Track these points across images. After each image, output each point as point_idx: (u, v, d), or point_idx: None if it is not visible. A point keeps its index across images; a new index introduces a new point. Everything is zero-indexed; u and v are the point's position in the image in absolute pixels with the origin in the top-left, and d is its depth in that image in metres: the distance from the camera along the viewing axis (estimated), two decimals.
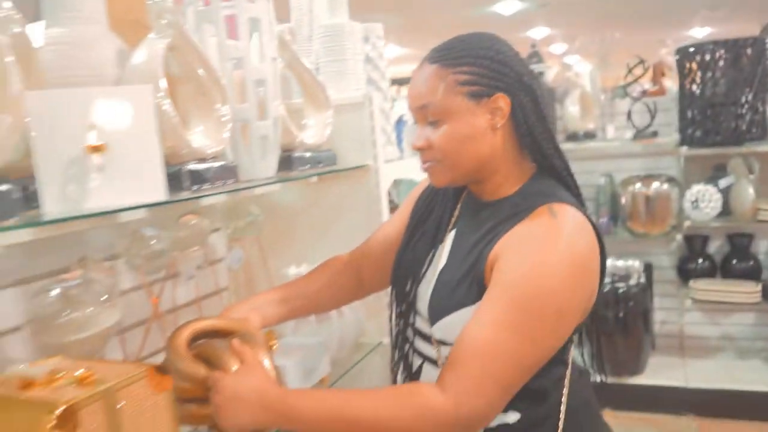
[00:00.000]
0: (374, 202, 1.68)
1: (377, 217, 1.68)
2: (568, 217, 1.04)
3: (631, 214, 3.45)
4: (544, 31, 9.59)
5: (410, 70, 1.17)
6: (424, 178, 1.28)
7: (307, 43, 1.80)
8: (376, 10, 5.93)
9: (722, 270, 3.55)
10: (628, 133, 3.45)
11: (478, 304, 1.03)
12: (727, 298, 3.32)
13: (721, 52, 3.13)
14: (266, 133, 1.28)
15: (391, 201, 1.98)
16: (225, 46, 1.25)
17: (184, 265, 1.53)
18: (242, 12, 1.23)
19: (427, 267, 1.17)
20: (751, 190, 3.22)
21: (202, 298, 1.65)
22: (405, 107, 1.82)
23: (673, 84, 3.66)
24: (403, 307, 1.21)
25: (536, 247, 1.01)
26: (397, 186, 2.24)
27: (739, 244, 3.49)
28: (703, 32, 8.37)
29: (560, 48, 9.72)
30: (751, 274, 3.43)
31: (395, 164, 1.80)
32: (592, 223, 1.08)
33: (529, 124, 1.09)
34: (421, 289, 1.16)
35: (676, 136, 3.34)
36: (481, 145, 1.09)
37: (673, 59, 3.42)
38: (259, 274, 1.71)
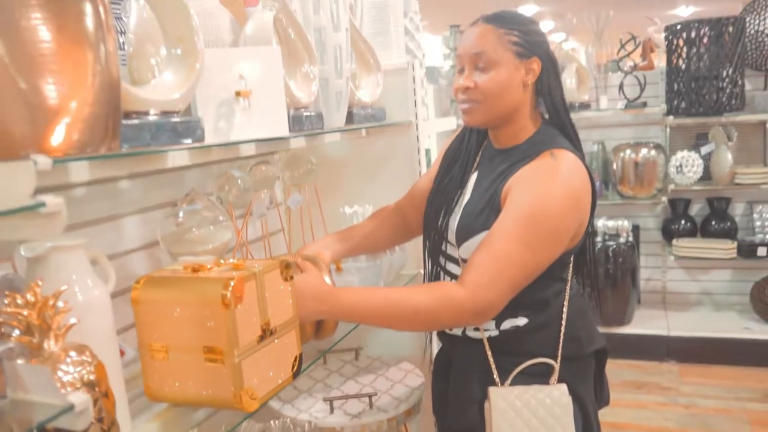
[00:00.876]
0: (413, 152, 1.97)
1: (415, 166, 1.97)
2: (566, 159, 1.31)
3: (621, 179, 3.77)
4: (533, 9, 9.84)
5: None
6: (450, 136, 1.59)
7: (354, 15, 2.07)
8: None
9: (702, 230, 3.90)
10: (620, 104, 3.75)
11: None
12: (705, 254, 3.66)
13: (705, 30, 3.43)
14: (341, 89, 1.57)
15: None
16: (310, 18, 1.52)
17: (256, 205, 1.81)
18: None
19: (455, 203, 1.45)
20: (730, 157, 3.55)
21: (269, 235, 1.94)
22: None
23: (660, 59, 3.97)
24: (436, 238, 1.49)
25: (539, 181, 1.28)
26: None
27: (718, 206, 3.83)
28: (687, 11, 8.67)
29: (549, 25, 10.00)
30: (728, 234, 3.78)
31: (429, 122, 2.09)
32: (586, 167, 1.34)
33: (550, 86, 1.37)
34: (451, 220, 1.44)
35: (663, 107, 3.66)
36: (513, 95, 1.35)
37: (661, 36, 3.72)
38: (315, 215, 1.99)
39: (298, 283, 1.26)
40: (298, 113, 1.39)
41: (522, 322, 1.40)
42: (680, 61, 3.54)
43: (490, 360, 1.41)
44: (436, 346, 2.11)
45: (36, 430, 0.73)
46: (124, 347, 1.19)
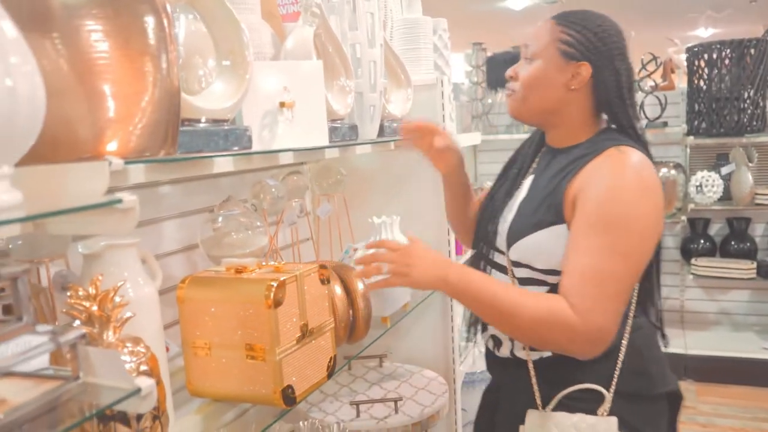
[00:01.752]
0: None
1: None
2: (634, 154, 1.21)
3: None
4: None
5: None
6: None
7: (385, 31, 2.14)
8: None
9: (721, 250, 3.91)
10: (641, 124, 3.78)
11: (553, 229, 1.24)
12: (725, 274, 3.67)
13: (727, 52, 3.47)
14: (374, 103, 1.62)
15: None
16: (346, 33, 1.58)
17: (287, 214, 1.87)
18: (361, 7, 1.57)
19: (506, 207, 1.38)
20: (750, 178, 3.57)
21: (299, 242, 2.00)
22: None
23: (681, 80, 4.00)
24: (484, 247, 1.42)
25: (608, 176, 1.19)
26: None
27: (738, 226, 3.85)
28: (707, 33, 8.69)
29: None
30: (748, 255, 3.79)
31: (458, 137, 2.14)
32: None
33: (608, 98, 1.28)
34: (500, 227, 1.37)
35: (684, 127, 3.69)
36: (549, 94, 1.30)
37: (682, 57, 3.76)
38: (343, 224, 2.05)
39: (422, 247, 1.27)
40: (335, 125, 1.44)
41: None
42: (701, 82, 3.58)
43: (533, 382, 1.31)
44: (458, 356, 2.15)
45: (95, 412, 0.78)
46: (169, 343, 1.25)
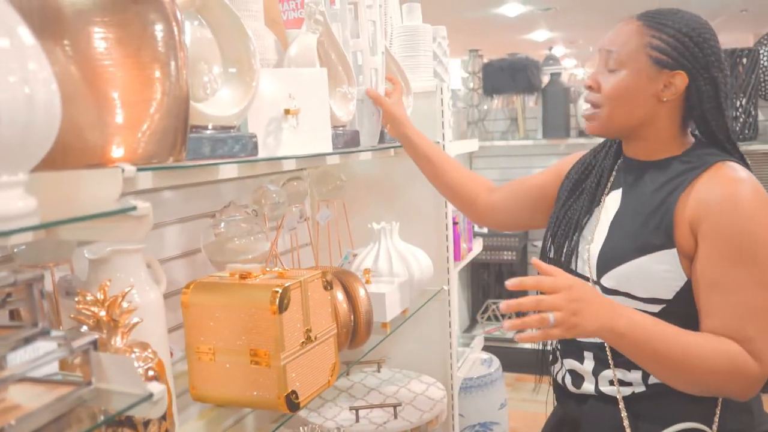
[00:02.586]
0: None
1: None
2: (743, 171, 1.13)
3: None
4: (545, 35, 9.96)
5: None
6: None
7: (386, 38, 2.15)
8: None
9: None
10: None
11: (660, 254, 1.12)
12: None
13: None
14: (374, 110, 1.63)
15: None
16: (348, 41, 1.59)
17: (288, 219, 1.88)
18: (363, 15, 1.58)
19: (585, 227, 1.26)
20: None
21: (298, 248, 2.00)
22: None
23: None
24: (561, 265, 1.26)
25: (735, 202, 1.08)
26: None
27: None
28: None
29: (560, 51, 10.11)
30: None
31: (454, 143, 2.15)
32: None
33: (704, 110, 1.16)
34: (584, 248, 1.24)
35: None
36: (639, 108, 1.17)
37: None
38: (342, 230, 2.05)
39: (585, 287, 1.06)
40: (337, 131, 1.45)
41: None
42: None
43: (625, 424, 1.17)
44: (455, 361, 2.16)
45: (108, 417, 0.79)
46: (173, 348, 1.25)
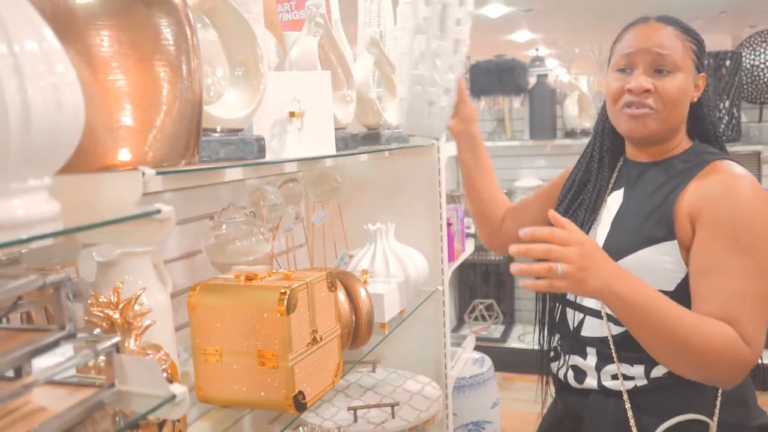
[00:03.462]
0: (434, 174, 2.05)
1: (435, 187, 2.06)
2: (740, 168, 1.18)
3: None
4: (526, 35, 10.04)
5: None
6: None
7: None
8: None
9: None
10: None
11: (661, 246, 1.16)
12: None
13: None
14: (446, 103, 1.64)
15: None
16: (346, 44, 1.60)
17: (284, 220, 1.88)
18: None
19: (589, 229, 1.30)
20: None
21: (294, 249, 2.01)
22: None
23: None
24: None
25: (734, 195, 1.14)
26: None
27: None
28: None
29: (542, 52, 10.20)
30: None
31: (448, 145, 2.17)
32: None
33: (709, 107, 1.28)
34: None
35: None
36: (686, 108, 1.24)
37: None
38: (338, 231, 2.07)
39: (597, 246, 1.08)
40: (339, 134, 1.46)
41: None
42: None
43: (630, 417, 1.19)
44: (449, 361, 2.17)
45: (134, 419, 0.79)
46: (179, 350, 1.25)
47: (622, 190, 1.30)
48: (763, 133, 3.61)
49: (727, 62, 3.53)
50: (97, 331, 0.94)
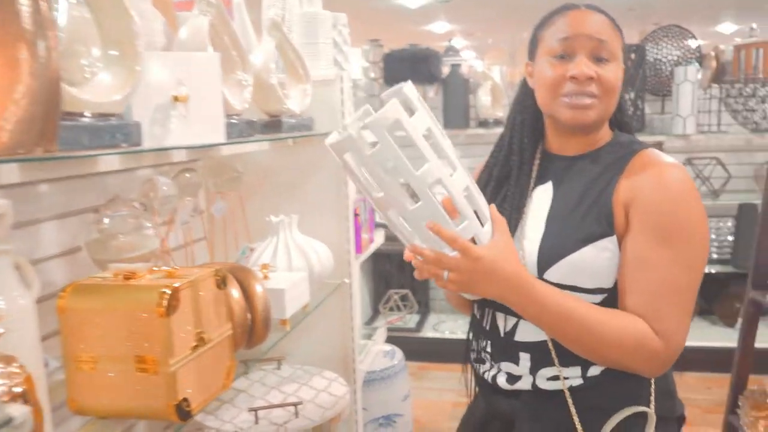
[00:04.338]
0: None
1: (342, 177, 1.99)
2: (668, 157, 1.16)
3: None
4: (444, 26, 10.11)
5: None
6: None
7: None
8: None
9: None
10: None
11: (601, 242, 1.12)
12: None
13: None
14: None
15: None
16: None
17: (180, 213, 1.78)
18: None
19: (515, 226, 1.22)
20: None
21: (192, 243, 1.90)
22: None
23: None
24: None
25: (661, 184, 1.11)
26: None
27: None
28: None
29: (459, 43, 10.30)
30: None
31: None
32: None
33: (623, 99, 1.26)
34: (522, 247, 1.19)
35: None
36: (618, 96, 1.19)
37: None
38: (239, 223, 1.97)
39: (497, 259, 1.04)
40: (231, 120, 1.38)
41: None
42: None
43: (574, 418, 1.16)
44: (357, 355, 2.12)
45: None
46: (47, 359, 1.14)
47: (550, 185, 1.23)
48: (665, 124, 3.73)
49: (632, 55, 3.62)
50: None
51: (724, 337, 3.66)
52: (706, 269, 1.25)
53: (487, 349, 1.26)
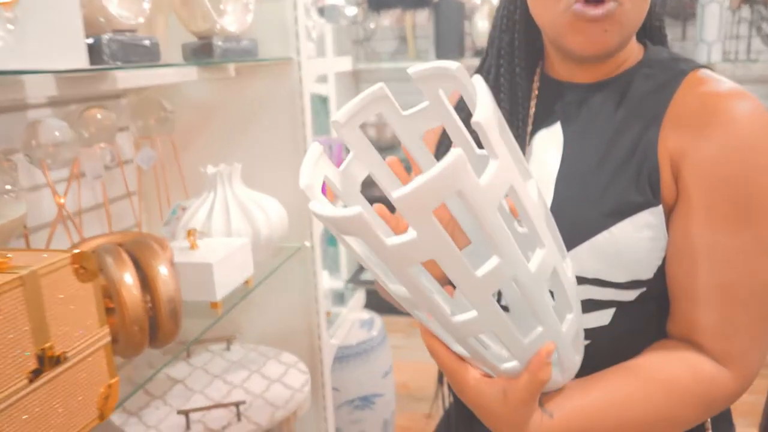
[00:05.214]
0: (297, 98, 1.58)
1: (298, 115, 1.60)
2: (736, 86, 0.77)
3: None
4: None
5: None
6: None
7: None
8: None
9: None
10: None
11: (642, 215, 0.76)
12: None
13: None
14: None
15: None
16: None
17: (89, 164, 1.40)
18: None
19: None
20: None
21: (111, 201, 1.53)
22: None
23: None
24: None
25: (734, 135, 0.73)
26: None
27: None
28: None
29: None
30: None
31: (317, 61, 1.71)
32: None
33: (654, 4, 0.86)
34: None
35: None
36: (645, 8, 0.79)
37: None
38: (173, 174, 1.60)
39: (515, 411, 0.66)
40: (116, 37, 0.98)
41: None
42: None
43: None
44: (325, 329, 1.78)
45: None
46: None
47: (558, 128, 0.84)
48: (686, 51, 3.31)
49: None
50: None
51: None
52: None
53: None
